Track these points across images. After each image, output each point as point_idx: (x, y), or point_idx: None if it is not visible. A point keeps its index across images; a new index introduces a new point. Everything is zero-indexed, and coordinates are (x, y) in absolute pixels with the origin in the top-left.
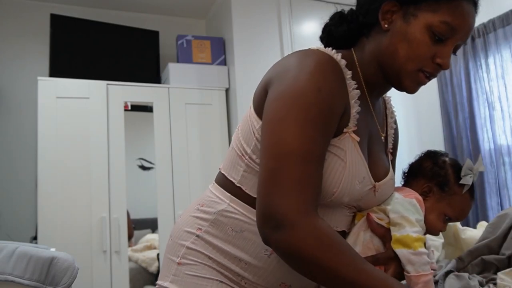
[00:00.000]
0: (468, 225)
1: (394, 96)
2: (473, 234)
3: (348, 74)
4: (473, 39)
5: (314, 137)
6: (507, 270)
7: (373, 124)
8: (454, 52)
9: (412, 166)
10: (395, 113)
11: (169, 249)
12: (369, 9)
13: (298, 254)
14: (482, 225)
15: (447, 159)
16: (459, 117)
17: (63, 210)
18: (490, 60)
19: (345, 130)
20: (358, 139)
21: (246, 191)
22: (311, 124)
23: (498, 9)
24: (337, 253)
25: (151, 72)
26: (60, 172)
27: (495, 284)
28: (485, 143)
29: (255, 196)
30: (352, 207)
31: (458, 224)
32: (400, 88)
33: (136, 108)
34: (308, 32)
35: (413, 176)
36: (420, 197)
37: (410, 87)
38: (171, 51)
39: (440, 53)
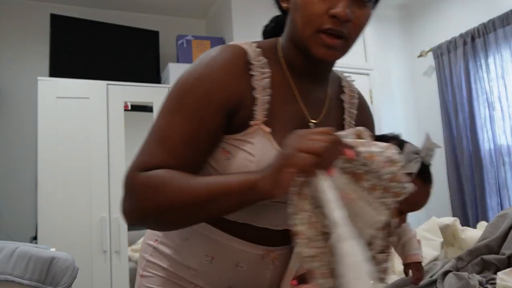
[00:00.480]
0: (468, 225)
1: (395, 96)
2: (473, 234)
3: (260, 63)
4: (473, 39)
5: (174, 121)
6: (507, 270)
7: (301, 113)
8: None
9: None
10: (357, 98)
11: (138, 261)
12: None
13: (144, 210)
14: (482, 225)
15: (392, 142)
16: (459, 117)
17: (63, 210)
18: (490, 60)
19: (252, 123)
20: (269, 130)
21: None
22: (182, 111)
23: (498, 9)
24: (175, 186)
25: (151, 72)
26: (60, 172)
27: (494, 284)
28: (485, 143)
29: None
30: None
31: (458, 224)
32: (314, 59)
33: (136, 108)
34: None
35: None
36: None
37: (318, 53)
38: (171, 51)
39: (333, 4)
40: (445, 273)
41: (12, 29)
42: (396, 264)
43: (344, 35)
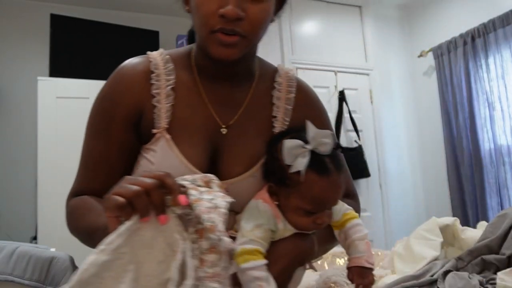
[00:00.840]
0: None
1: (395, 96)
2: (473, 234)
3: (166, 71)
4: (473, 39)
5: (92, 143)
6: (507, 270)
7: (211, 117)
8: None
9: (261, 161)
10: (294, 93)
11: None
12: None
13: (70, 230)
14: (482, 225)
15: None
16: (459, 117)
17: (63, 210)
18: (490, 60)
19: (154, 131)
20: (168, 137)
21: None
22: (93, 131)
23: (498, 9)
24: (79, 216)
25: None
26: (60, 172)
27: (494, 284)
28: (485, 143)
29: None
30: None
31: (458, 224)
32: (214, 59)
33: None
34: (308, 32)
35: (264, 175)
36: (266, 196)
37: (215, 52)
38: None
39: (223, 3)
40: (446, 273)
41: (12, 29)
42: (396, 263)
43: (240, 33)
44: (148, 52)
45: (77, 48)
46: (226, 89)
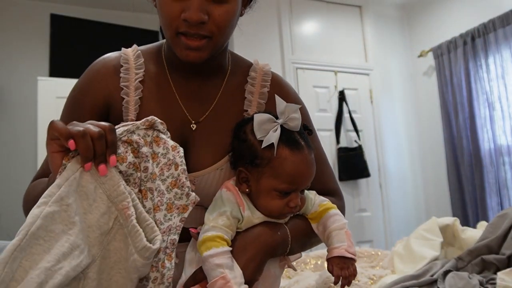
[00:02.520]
0: (468, 225)
1: (395, 96)
2: (473, 234)
3: (136, 65)
4: (473, 39)
5: None
6: (507, 270)
7: (181, 112)
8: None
9: (229, 153)
10: (268, 87)
11: None
12: None
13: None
14: (482, 225)
15: (249, 124)
16: (459, 117)
17: None
18: (490, 60)
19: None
20: None
21: None
22: (63, 119)
23: (498, 9)
24: (31, 191)
25: None
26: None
27: (494, 284)
28: (485, 143)
29: None
30: None
31: (458, 224)
32: (181, 60)
33: None
34: (308, 32)
35: (233, 162)
36: (229, 184)
37: (181, 55)
38: None
39: (185, 6)
40: (446, 273)
41: (12, 29)
42: (396, 263)
43: (205, 36)
44: (123, 48)
45: (77, 48)
46: (197, 84)
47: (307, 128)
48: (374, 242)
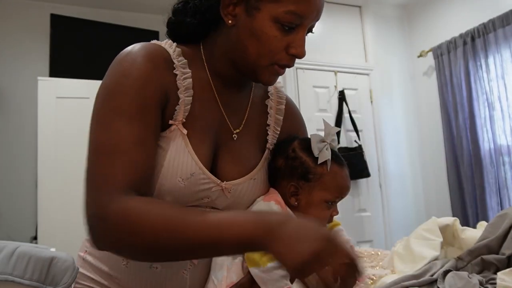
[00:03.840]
0: (468, 225)
1: (395, 96)
2: (473, 234)
3: (180, 63)
4: (473, 39)
5: (119, 128)
6: (507, 270)
7: (222, 119)
8: (310, 31)
9: (270, 168)
10: (284, 104)
11: None
12: (209, 5)
13: (119, 245)
14: (482, 225)
15: (296, 144)
16: (459, 117)
17: (63, 210)
18: (490, 60)
19: (170, 122)
20: (185, 132)
21: None
22: (117, 114)
23: (498, 9)
24: (153, 225)
25: None
26: (60, 172)
27: (494, 284)
28: (485, 143)
29: None
30: (210, 208)
31: (457, 224)
32: (257, 82)
33: None
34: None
35: (275, 178)
36: (279, 198)
37: (268, 81)
38: None
39: (293, 43)
40: (445, 273)
41: (12, 29)
42: (396, 263)
43: None
44: (155, 41)
45: (77, 48)
46: (234, 94)
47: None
48: (374, 242)
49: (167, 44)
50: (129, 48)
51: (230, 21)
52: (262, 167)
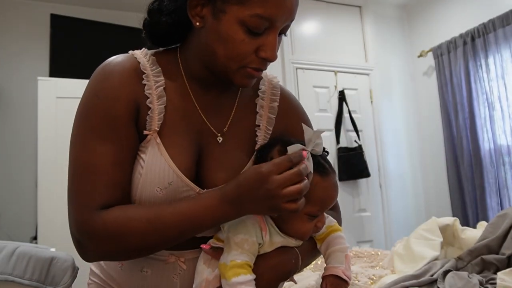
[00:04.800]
0: (468, 225)
1: (395, 96)
2: (473, 234)
3: (153, 72)
4: (473, 39)
5: (94, 147)
6: (507, 270)
7: (203, 123)
8: (283, 33)
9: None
10: (277, 102)
11: None
12: (176, 6)
13: (106, 256)
14: (482, 225)
15: (275, 152)
16: (459, 117)
17: (63, 210)
18: (490, 60)
19: (145, 132)
20: (159, 141)
21: None
22: (92, 134)
23: (498, 9)
24: (134, 233)
25: None
26: (60, 172)
27: (494, 284)
28: (485, 143)
29: None
30: None
31: (457, 224)
32: (233, 85)
33: None
34: (308, 32)
35: None
36: None
37: (242, 83)
38: None
39: (263, 46)
40: (445, 273)
41: (12, 29)
42: (396, 263)
43: None
44: (131, 51)
45: (77, 48)
46: (215, 96)
47: (324, 150)
48: (374, 242)
49: (143, 53)
50: (105, 63)
51: (198, 23)
52: None
